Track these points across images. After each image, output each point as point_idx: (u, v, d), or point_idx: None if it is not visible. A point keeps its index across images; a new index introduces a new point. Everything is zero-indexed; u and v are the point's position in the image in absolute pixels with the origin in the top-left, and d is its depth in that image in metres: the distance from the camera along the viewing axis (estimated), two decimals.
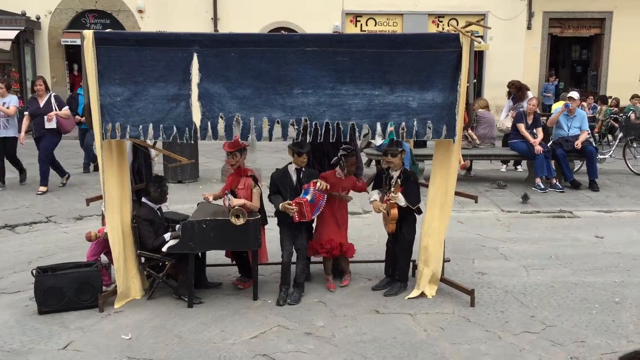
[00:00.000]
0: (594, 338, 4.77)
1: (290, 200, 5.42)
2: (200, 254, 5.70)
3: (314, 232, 5.88)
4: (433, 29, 20.26)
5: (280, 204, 5.43)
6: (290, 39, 5.07)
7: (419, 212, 5.66)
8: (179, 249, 5.33)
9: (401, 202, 5.48)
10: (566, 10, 20.73)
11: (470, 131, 10.60)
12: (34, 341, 4.70)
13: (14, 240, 7.52)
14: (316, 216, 5.66)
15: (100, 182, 5.24)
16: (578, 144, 10.31)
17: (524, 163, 11.58)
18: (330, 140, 5.08)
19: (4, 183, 10.14)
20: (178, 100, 4.97)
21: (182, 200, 8.92)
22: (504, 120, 11.86)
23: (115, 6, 20.01)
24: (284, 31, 18.52)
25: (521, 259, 6.74)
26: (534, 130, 10.48)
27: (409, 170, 5.83)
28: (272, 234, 6.07)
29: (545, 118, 12.04)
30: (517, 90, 11.89)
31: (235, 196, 5.54)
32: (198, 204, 6.09)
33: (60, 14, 19.89)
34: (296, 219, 5.41)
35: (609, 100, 16.18)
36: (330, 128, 5.01)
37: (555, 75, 21.27)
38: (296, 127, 5.04)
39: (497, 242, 7.38)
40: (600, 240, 7.50)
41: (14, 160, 10.29)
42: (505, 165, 12.46)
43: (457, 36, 5.03)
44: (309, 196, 5.40)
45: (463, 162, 10.37)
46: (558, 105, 12.26)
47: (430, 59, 5.03)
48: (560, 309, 5.35)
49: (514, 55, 20.40)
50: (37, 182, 9.99)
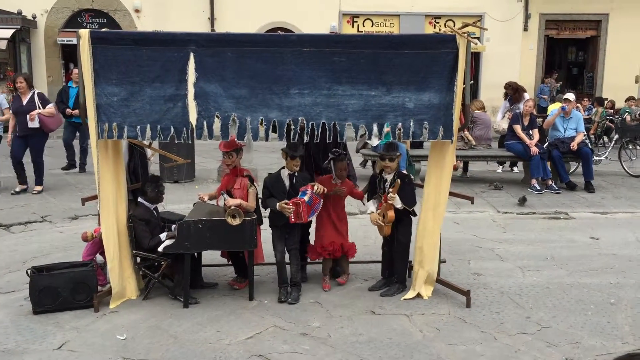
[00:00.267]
0: (589, 339, 4.78)
1: (287, 200, 5.42)
2: (196, 254, 5.69)
3: (315, 236, 5.86)
4: (430, 30, 20.31)
5: (278, 204, 5.41)
6: (287, 39, 5.06)
7: (415, 214, 5.67)
8: (175, 249, 5.32)
9: (397, 204, 5.48)
10: (562, 12, 20.80)
11: (466, 132, 10.62)
12: (29, 341, 4.68)
13: (9, 240, 7.49)
14: (313, 219, 5.65)
15: (96, 182, 5.23)
16: (574, 145, 10.34)
17: (520, 164, 11.61)
18: (327, 141, 5.07)
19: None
20: (175, 100, 4.96)
21: (178, 200, 8.91)
22: (500, 122, 11.88)
23: (111, 5, 19.98)
24: (280, 31, 18.50)
25: (517, 260, 6.75)
26: (530, 131, 10.51)
27: (403, 172, 5.82)
28: (268, 234, 6.05)
29: (541, 120, 12.07)
30: (514, 92, 11.93)
31: (231, 196, 5.53)
32: (194, 204, 6.08)
33: (57, 13, 19.85)
34: (292, 220, 5.40)
35: (605, 102, 16.23)
36: (327, 128, 5.00)
37: (555, 75, 21.16)
38: (293, 128, 5.03)
39: (493, 243, 7.39)
40: (596, 242, 7.51)
41: None
42: (501, 167, 12.48)
43: (454, 37, 5.04)
44: (306, 197, 5.39)
45: (455, 163, 10.37)
46: (554, 107, 12.28)
47: (427, 60, 5.03)
48: (555, 310, 5.36)
49: (510, 57, 20.46)
50: (14, 184, 9.92)
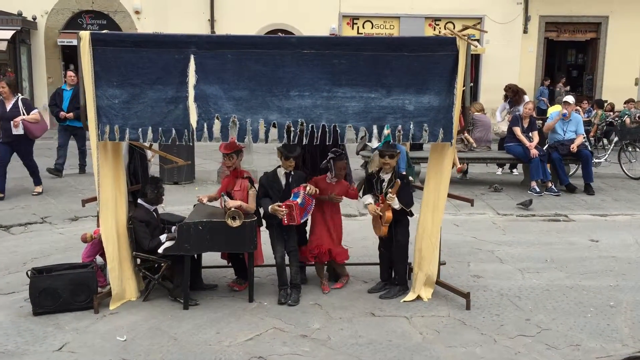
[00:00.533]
0: (588, 342, 4.78)
1: (280, 203, 5.42)
2: (196, 255, 5.69)
3: (308, 237, 5.87)
4: (430, 32, 20.31)
5: (270, 206, 5.42)
6: (287, 41, 5.07)
7: (411, 215, 5.66)
8: (175, 251, 5.32)
9: (395, 205, 5.47)
10: (562, 15, 20.82)
11: (466, 134, 10.63)
12: (29, 342, 4.68)
13: (9, 241, 7.49)
14: (308, 220, 5.65)
15: (96, 183, 5.23)
16: (574, 147, 10.35)
17: (520, 166, 11.61)
18: (327, 143, 5.07)
19: None
20: (176, 102, 4.97)
21: (178, 202, 8.91)
22: (500, 124, 11.90)
23: (112, 7, 19.99)
24: (280, 33, 18.52)
25: (516, 262, 6.76)
26: (530, 133, 10.53)
27: (400, 172, 5.81)
28: (268, 235, 6.06)
29: (540, 122, 12.08)
30: (514, 94, 11.96)
31: (231, 198, 5.54)
32: (194, 205, 6.08)
33: (57, 14, 19.86)
34: (285, 222, 5.41)
35: (605, 105, 16.24)
36: (327, 130, 5.01)
37: (563, 79, 21.07)
38: (293, 129, 5.04)
39: (493, 245, 7.39)
40: (596, 244, 7.51)
41: None
42: (501, 169, 12.49)
43: (454, 40, 5.04)
44: (299, 199, 5.40)
45: (460, 165, 10.40)
46: (554, 109, 12.29)
47: (427, 62, 5.03)
48: (555, 312, 5.36)
49: (510, 59, 20.47)
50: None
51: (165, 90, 4.96)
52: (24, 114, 9.35)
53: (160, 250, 5.37)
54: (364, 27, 20.84)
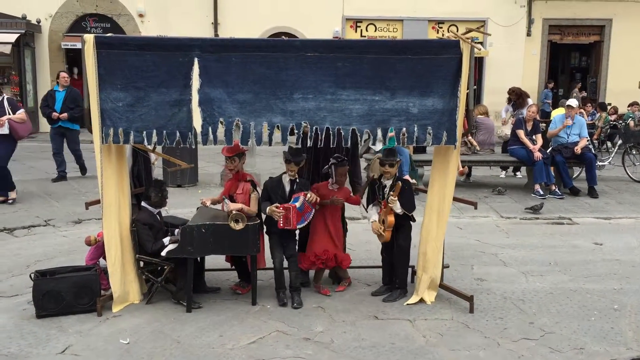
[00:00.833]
0: (592, 345, 4.77)
1: (278, 204, 5.42)
2: (199, 258, 5.69)
3: (308, 243, 5.83)
4: (433, 35, 20.31)
5: (268, 207, 5.43)
6: (291, 44, 5.07)
7: (414, 220, 5.66)
8: (178, 254, 5.32)
9: (397, 209, 5.47)
10: (566, 17, 20.80)
11: (470, 137, 10.62)
12: (32, 345, 4.68)
13: (13, 244, 7.51)
14: (307, 227, 5.63)
15: (99, 186, 5.24)
16: (578, 149, 10.33)
17: (523, 169, 11.60)
18: (330, 146, 5.07)
19: None
20: (180, 105, 4.98)
21: (182, 205, 8.91)
22: (503, 127, 11.91)
23: (115, 10, 20.05)
24: (284, 36, 18.52)
25: (520, 265, 6.74)
26: (533, 136, 10.51)
27: (402, 178, 5.80)
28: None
29: (544, 125, 12.07)
30: (517, 97, 11.97)
31: (233, 201, 5.54)
32: (197, 208, 6.09)
33: (61, 18, 19.93)
34: (280, 225, 5.40)
35: (608, 108, 16.21)
36: (331, 133, 5.01)
37: (579, 84, 20.97)
38: (296, 132, 5.04)
39: (496, 249, 7.38)
40: (599, 247, 7.50)
41: None
42: (504, 172, 12.48)
43: (458, 42, 5.04)
44: (298, 204, 5.40)
45: (462, 169, 10.39)
46: (557, 112, 12.28)
47: (431, 65, 5.03)
48: (559, 315, 5.35)
49: (513, 62, 20.46)
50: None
51: (169, 93, 4.96)
52: (9, 114, 9.12)
53: (163, 253, 5.38)
54: (367, 30, 20.86)
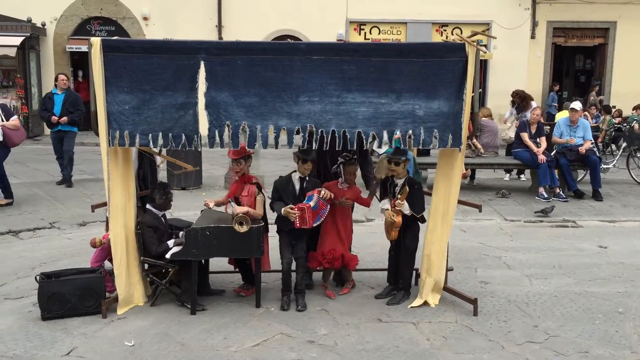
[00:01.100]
0: (597, 348, 4.76)
1: (293, 205, 5.43)
2: (203, 261, 5.70)
3: (317, 243, 5.85)
4: (437, 38, 20.31)
5: (283, 209, 5.44)
6: (297, 47, 5.09)
7: (423, 221, 5.66)
8: (183, 256, 5.34)
9: (405, 210, 5.48)
10: (570, 20, 20.76)
11: (474, 140, 10.62)
12: (37, 347, 4.70)
13: (18, 246, 7.53)
14: (319, 225, 5.65)
15: (105, 189, 5.26)
16: (582, 149, 10.32)
17: (527, 172, 11.59)
18: (336, 149, 5.08)
19: None
20: (186, 108, 5.00)
21: (186, 207, 8.92)
22: (507, 130, 11.90)
23: (120, 13, 20.10)
24: (288, 39, 18.57)
25: (524, 268, 6.74)
26: (538, 139, 10.50)
27: (414, 179, 5.82)
28: (275, 241, 6.06)
29: (548, 127, 12.06)
30: (521, 100, 11.96)
31: (238, 204, 5.55)
32: (202, 210, 6.10)
33: (66, 21, 19.98)
34: (297, 225, 5.42)
35: (612, 111, 16.18)
36: (337, 136, 5.02)
37: (596, 88, 20.77)
38: (302, 135, 5.05)
39: (500, 251, 7.37)
40: (604, 250, 7.48)
41: None
42: (508, 174, 12.47)
43: (463, 45, 5.05)
44: (312, 203, 5.41)
45: (464, 171, 10.38)
46: (562, 115, 12.27)
47: (436, 68, 5.04)
48: (563, 318, 5.34)
49: (517, 65, 20.42)
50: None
51: (175, 96, 4.98)
52: (3, 120, 8.96)
53: (167, 256, 5.39)
54: (371, 33, 20.85)
